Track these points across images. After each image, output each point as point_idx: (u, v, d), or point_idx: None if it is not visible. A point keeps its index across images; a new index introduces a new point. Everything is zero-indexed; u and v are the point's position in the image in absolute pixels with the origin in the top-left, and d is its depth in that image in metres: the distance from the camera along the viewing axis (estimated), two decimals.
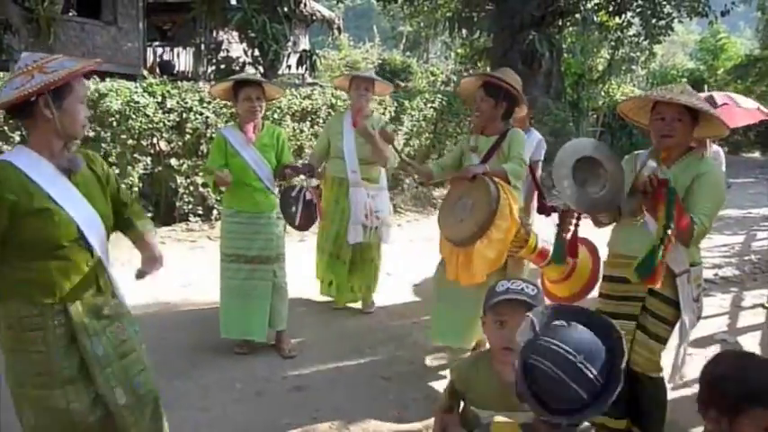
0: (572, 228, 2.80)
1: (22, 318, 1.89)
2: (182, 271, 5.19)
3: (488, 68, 12.04)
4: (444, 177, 3.58)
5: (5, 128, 5.45)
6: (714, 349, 3.94)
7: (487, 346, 2.26)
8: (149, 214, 6.36)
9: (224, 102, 6.45)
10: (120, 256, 5.27)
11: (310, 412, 3.00)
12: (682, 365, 2.60)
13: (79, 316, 1.93)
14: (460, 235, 2.98)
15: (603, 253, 2.78)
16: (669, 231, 2.23)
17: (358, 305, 4.41)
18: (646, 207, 2.38)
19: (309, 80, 13.35)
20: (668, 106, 2.41)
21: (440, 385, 3.31)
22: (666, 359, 2.58)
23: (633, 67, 17.85)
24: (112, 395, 1.99)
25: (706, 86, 13.75)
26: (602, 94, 15.51)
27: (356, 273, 4.24)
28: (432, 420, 2.88)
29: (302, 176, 3.64)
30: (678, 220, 2.26)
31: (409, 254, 5.99)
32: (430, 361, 3.62)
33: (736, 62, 23.24)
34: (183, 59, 15.14)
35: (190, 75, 13.22)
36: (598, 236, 2.88)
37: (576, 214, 2.76)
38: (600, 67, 15.31)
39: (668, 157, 2.50)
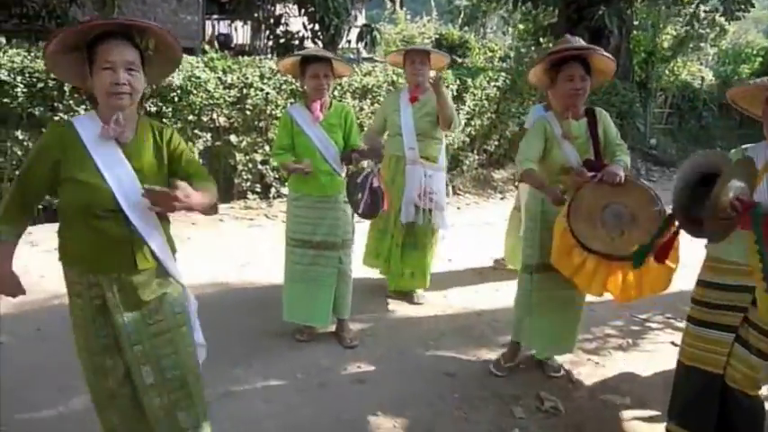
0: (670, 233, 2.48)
1: (71, 283, 1.95)
2: (240, 250, 5.17)
3: (551, 45, 11.54)
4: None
5: (71, 101, 5.49)
6: None
7: None
8: None
9: (284, 77, 6.39)
10: (180, 233, 5.31)
11: (373, 408, 2.89)
12: None
13: (111, 290, 1.92)
14: (630, 249, 2.63)
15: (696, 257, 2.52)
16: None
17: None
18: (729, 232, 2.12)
19: (365, 55, 13.15)
20: None
21: (509, 384, 3.16)
22: None
23: (702, 44, 16.87)
24: (139, 373, 1.98)
25: None
26: (667, 72, 14.70)
27: (408, 259, 4.09)
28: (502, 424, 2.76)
29: (369, 161, 3.46)
30: None
31: (469, 239, 5.81)
32: (499, 357, 3.45)
33: None
34: (240, 33, 15.14)
35: (247, 48, 13.21)
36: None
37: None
38: (666, 45, 14.46)
39: None
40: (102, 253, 1.90)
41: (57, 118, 5.43)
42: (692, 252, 2.63)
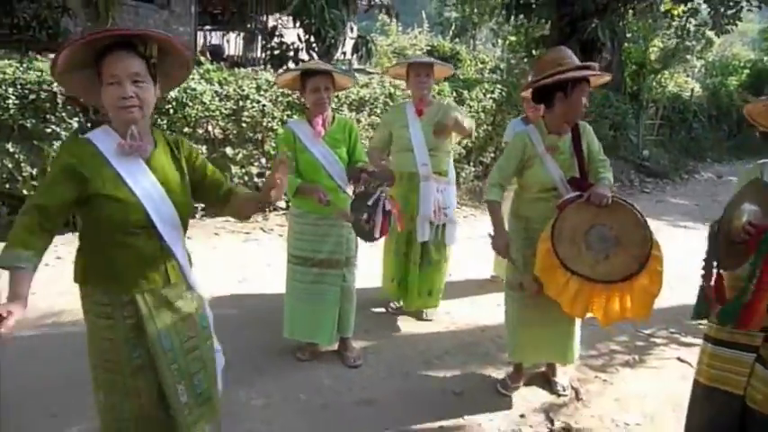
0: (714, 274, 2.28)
1: (94, 304, 1.87)
2: (237, 265, 5.08)
3: None
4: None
5: (64, 113, 5.40)
6: None
7: None
8: (201, 204, 6.29)
9: (281, 89, 6.33)
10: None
11: (379, 430, 2.80)
12: None
13: (147, 309, 1.87)
14: (612, 274, 2.61)
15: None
16: (753, 282, 1.97)
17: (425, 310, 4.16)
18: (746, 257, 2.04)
19: (356, 66, 13.12)
20: None
21: (515, 404, 3.08)
22: None
23: (688, 57, 17.05)
24: (175, 391, 1.93)
25: None
26: (655, 84, 14.84)
27: (427, 276, 3.98)
28: None
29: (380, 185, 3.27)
30: None
31: (468, 252, 5.73)
32: (504, 375, 3.37)
33: None
34: (233, 44, 15.09)
35: (240, 60, 13.16)
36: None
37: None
38: (653, 57, 14.60)
39: None
40: (138, 269, 1.86)
41: (48, 130, 5.33)
42: (690, 266, 2.57)
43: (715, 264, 2.20)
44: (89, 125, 5.78)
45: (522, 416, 2.99)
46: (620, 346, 3.94)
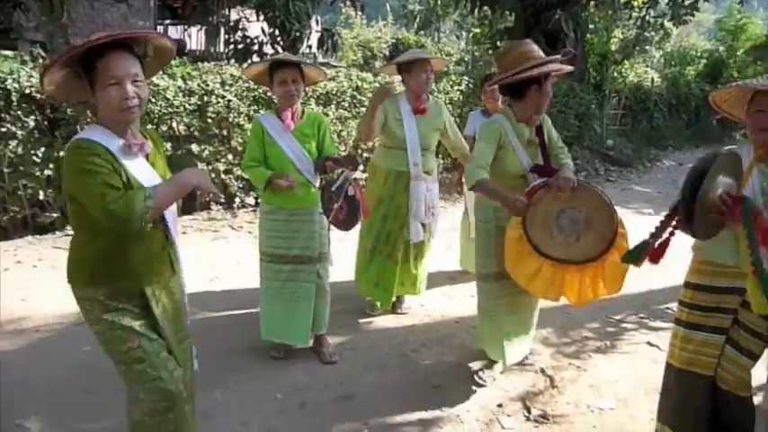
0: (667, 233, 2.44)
1: (99, 302, 1.88)
2: (207, 264, 4.98)
3: None
4: None
5: (19, 112, 5.21)
6: None
7: None
8: None
9: (247, 83, 6.23)
10: None
11: (359, 426, 2.78)
12: None
13: (155, 298, 1.94)
14: (585, 254, 2.72)
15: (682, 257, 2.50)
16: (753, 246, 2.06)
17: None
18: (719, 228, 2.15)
19: (321, 60, 13.01)
20: None
21: (491, 394, 3.10)
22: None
23: (647, 47, 17.40)
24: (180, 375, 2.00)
25: None
26: (616, 75, 15.10)
27: (408, 269, 3.94)
28: None
29: (344, 169, 3.25)
30: (762, 238, 2.06)
31: (439, 244, 5.73)
32: (480, 366, 3.39)
33: (756, 42, 22.58)
34: (195, 39, 14.80)
35: (203, 54, 12.90)
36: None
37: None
38: (613, 48, 14.87)
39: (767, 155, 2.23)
40: (150, 263, 1.93)
41: (4, 129, 5.13)
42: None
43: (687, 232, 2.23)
44: (46, 123, 5.56)
45: (499, 405, 3.01)
46: (592, 332, 4.00)
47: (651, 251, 2.35)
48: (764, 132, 2.18)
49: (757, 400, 2.42)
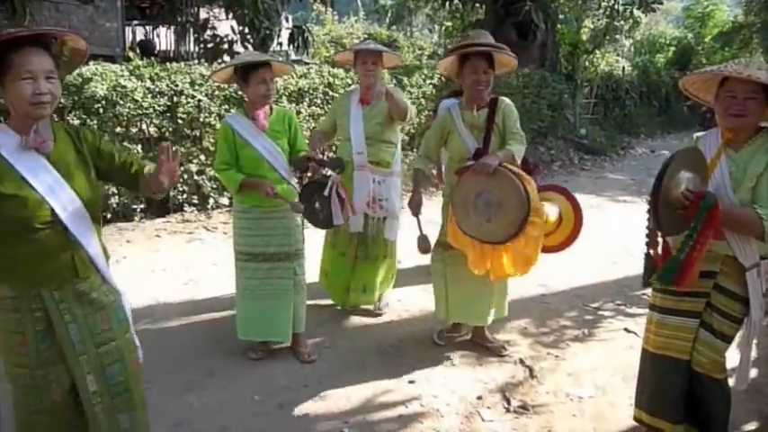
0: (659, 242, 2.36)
1: (1, 299, 1.86)
2: (181, 266, 4.91)
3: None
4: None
5: None
6: None
7: None
8: (141, 206, 6.06)
9: (216, 83, 6.13)
10: (115, 252, 4.99)
11: (339, 425, 2.76)
12: (749, 366, 2.39)
13: (54, 303, 1.88)
14: (494, 236, 2.90)
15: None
16: (690, 243, 2.14)
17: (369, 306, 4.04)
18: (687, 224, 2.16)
19: (294, 57, 12.91)
20: (741, 83, 2.14)
21: (471, 386, 3.10)
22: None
23: (617, 36, 17.58)
24: (84, 382, 1.94)
25: None
26: (587, 64, 15.24)
27: (362, 271, 3.84)
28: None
29: (331, 172, 3.24)
30: (711, 228, 2.11)
31: (414, 238, 5.74)
32: (458, 360, 3.39)
33: (723, 29, 22.99)
34: (164, 39, 14.58)
35: (172, 54, 12.72)
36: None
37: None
38: (584, 37, 15.01)
39: (735, 139, 2.25)
40: (43, 265, 1.85)
41: None
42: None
43: (658, 232, 2.26)
44: None
45: (479, 398, 3.01)
46: (569, 321, 4.02)
47: (659, 260, 2.33)
48: (733, 117, 2.20)
49: (732, 381, 2.45)
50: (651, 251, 2.33)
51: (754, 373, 3.36)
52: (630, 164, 11.85)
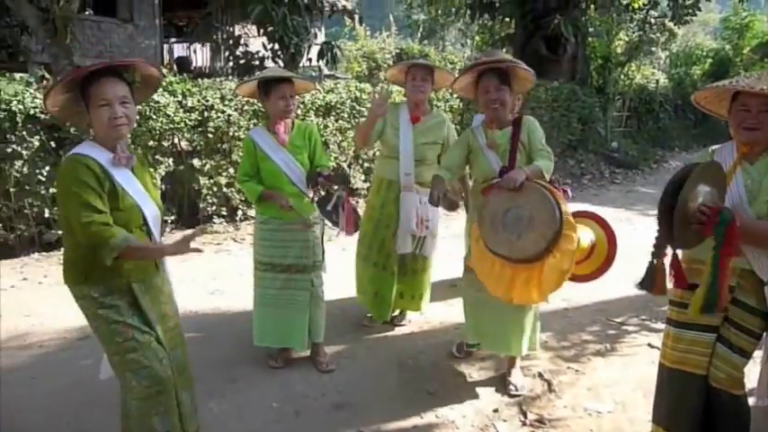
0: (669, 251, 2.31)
1: (94, 299, 2.12)
2: (209, 277, 5.03)
3: (512, 55, 11.67)
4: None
5: (24, 133, 5.31)
6: None
7: None
8: (172, 217, 6.23)
9: (246, 99, 6.29)
10: None
11: None
12: None
13: (141, 293, 2.18)
14: (525, 252, 2.71)
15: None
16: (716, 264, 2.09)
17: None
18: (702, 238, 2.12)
19: (326, 72, 13.12)
20: (754, 96, 2.13)
21: (488, 399, 3.10)
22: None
23: (653, 48, 17.35)
24: (164, 360, 2.23)
25: None
26: (622, 77, 15.08)
27: (406, 283, 3.87)
28: None
29: (337, 187, 3.25)
30: (732, 246, 2.06)
31: (440, 251, 5.74)
32: (476, 372, 3.39)
33: (762, 40, 22.44)
34: (200, 56, 15.00)
35: (207, 71, 13.07)
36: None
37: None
38: (619, 50, 14.87)
39: (750, 152, 2.23)
40: (136, 263, 2.16)
41: (9, 150, 5.23)
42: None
43: (669, 243, 2.23)
44: (50, 143, 5.68)
45: (495, 410, 3.01)
46: (591, 335, 3.98)
47: (665, 274, 2.31)
48: (747, 131, 2.19)
49: (752, 400, 2.40)
50: (653, 259, 2.31)
51: None
52: (663, 177, 11.61)
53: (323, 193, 3.17)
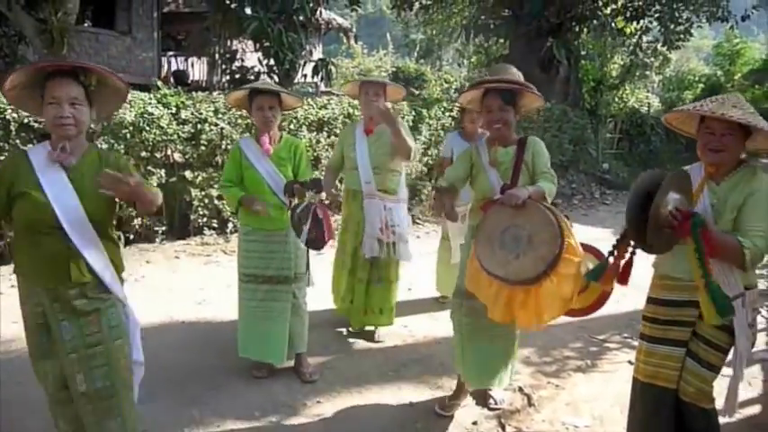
0: (627, 253, 2.41)
1: (21, 292, 2.16)
2: (197, 287, 5.06)
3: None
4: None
5: (17, 141, 5.36)
6: (754, 370, 3.73)
7: None
8: (162, 228, 6.26)
9: (240, 112, 6.37)
10: (134, 272, 5.18)
11: None
12: (737, 397, 2.40)
13: (49, 300, 2.10)
14: (522, 274, 2.57)
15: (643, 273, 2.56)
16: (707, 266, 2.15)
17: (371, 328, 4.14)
18: (676, 241, 2.21)
19: (323, 89, 13.25)
20: (717, 120, 2.23)
21: (467, 411, 3.14)
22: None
23: (647, 72, 17.60)
24: (74, 380, 2.12)
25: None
26: (616, 100, 15.28)
27: (373, 295, 3.97)
28: None
29: (310, 193, 3.29)
30: (710, 251, 2.14)
31: (429, 267, 5.80)
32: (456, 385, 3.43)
33: (754, 67, 22.84)
34: (197, 69, 15.12)
35: (204, 84, 13.17)
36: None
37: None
38: (614, 74, 15.09)
39: (717, 173, 2.32)
40: (41, 266, 2.09)
41: (2, 158, 5.27)
42: (641, 274, 2.64)
43: (632, 246, 2.35)
44: None
45: (474, 423, 3.05)
46: (573, 351, 4.03)
47: (617, 272, 2.41)
48: (712, 153, 2.28)
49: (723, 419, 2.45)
50: (611, 256, 2.39)
51: (756, 408, 3.34)
52: None
53: (296, 201, 3.23)
